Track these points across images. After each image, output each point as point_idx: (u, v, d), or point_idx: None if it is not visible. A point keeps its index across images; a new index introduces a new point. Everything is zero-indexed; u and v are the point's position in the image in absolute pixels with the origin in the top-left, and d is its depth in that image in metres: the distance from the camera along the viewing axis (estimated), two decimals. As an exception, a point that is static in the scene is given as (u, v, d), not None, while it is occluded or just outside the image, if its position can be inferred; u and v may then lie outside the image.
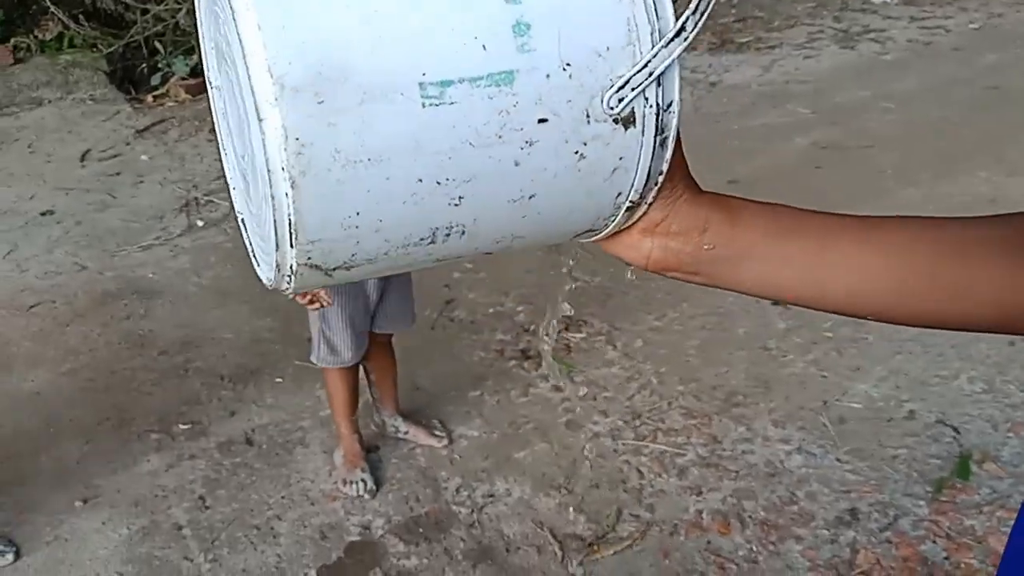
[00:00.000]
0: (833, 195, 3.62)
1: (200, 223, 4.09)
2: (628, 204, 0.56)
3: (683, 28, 0.51)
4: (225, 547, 2.37)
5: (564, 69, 0.50)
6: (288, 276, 0.52)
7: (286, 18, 0.47)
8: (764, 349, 3.09)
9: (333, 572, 2.30)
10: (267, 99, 0.46)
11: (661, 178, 0.55)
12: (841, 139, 4.65)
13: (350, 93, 0.47)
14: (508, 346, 3.12)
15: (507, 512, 2.46)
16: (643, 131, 0.53)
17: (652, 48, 0.51)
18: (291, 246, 0.50)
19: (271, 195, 0.48)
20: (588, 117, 0.51)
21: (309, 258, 0.50)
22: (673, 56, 0.51)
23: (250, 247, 0.59)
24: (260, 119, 0.47)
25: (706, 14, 0.51)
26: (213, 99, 0.61)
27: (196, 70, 5.48)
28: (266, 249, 0.54)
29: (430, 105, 0.48)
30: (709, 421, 2.76)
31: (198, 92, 5.43)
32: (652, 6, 0.51)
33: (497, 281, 3.49)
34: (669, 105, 0.53)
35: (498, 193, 0.52)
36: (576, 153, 0.52)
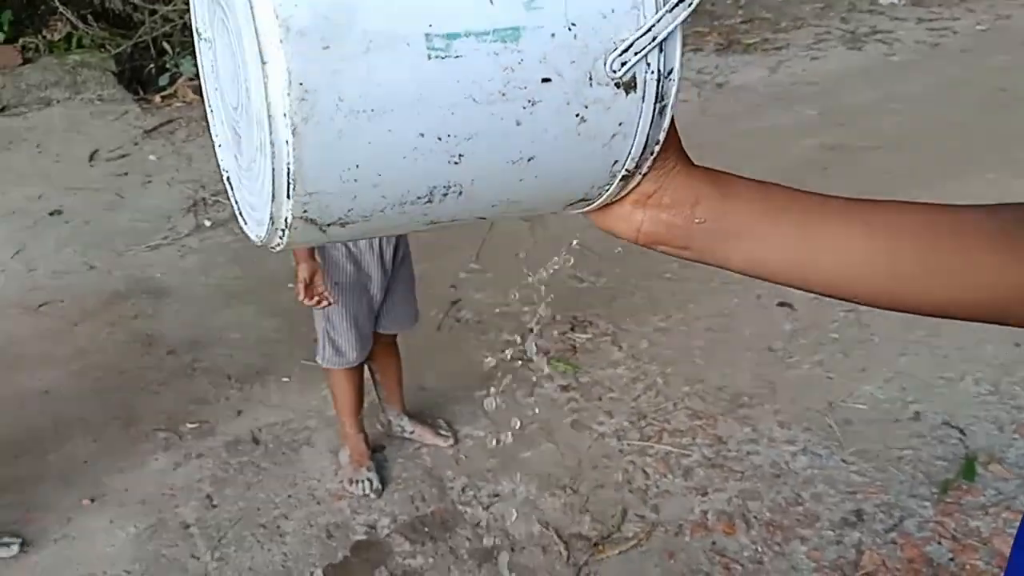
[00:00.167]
0: (840, 196, 3.61)
1: (208, 223, 4.11)
2: (624, 173, 0.56)
3: None
4: (232, 545, 2.38)
5: (569, 29, 0.50)
6: (282, 230, 0.51)
7: None
8: (770, 350, 3.09)
9: (339, 571, 2.31)
10: (272, 41, 0.45)
11: (657, 147, 0.55)
12: (848, 140, 4.65)
13: (356, 40, 0.46)
14: (514, 346, 3.13)
15: (513, 512, 2.47)
16: (643, 97, 0.53)
17: (656, 12, 0.51)
18: (288, 197, 0.48)
19: (270, 142, 0.47)
20: (591, 79, 0.51)
21: (305, 211, 0.50)
22: (677, 21, 0.51)
23: (237, 206, 0.58)
24: (263, 62, 0.45)
25: None
26: (201, 52, 0.60)
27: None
28: (258, 204, 0.53)
29: (435, 57, 0.48)
30: (714, 422, 2.76)
31: (206, 93, 5.43)
32: None
33: (503, 281, 3.49)
34: (670, 72, 0.53)
35: (498, 153, 0.51)
36: (577, 116, 0.52)
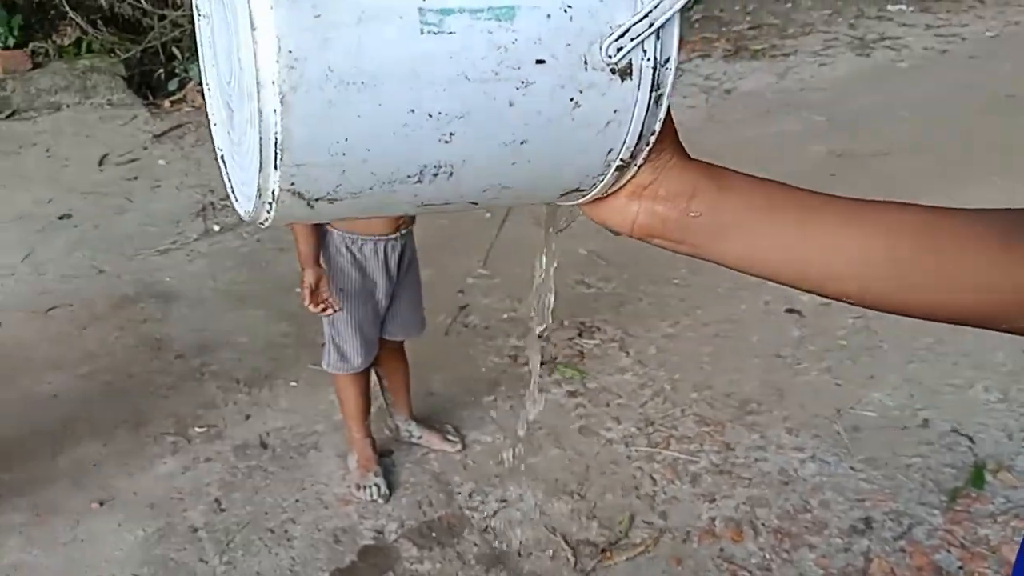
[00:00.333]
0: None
1: (216, 228, 4.12)
2: (619, 162, 0.55)
3: None
4: (240, 549, 2.38)
5: (565, 11, 0.50)
6: (269, 203, 0.50)
7: None
8: (778, 357, 3.09)
9: (347, 576, 2.31)
10: (262, 7, 0.45)
11: (653, 138, 0.55)
12: (856, 147, 4.65)
13: (348, 10, 0.46)
14: (522, 352, 3.13)
15: (520, 517, 2.47)
16: (639, 85, 0.52)
17: None
18: (275, 168, 0.48)
19: (259, 111, 0.46)
20: (586, 63, 0.51)
21: (293, 183, 0.49)
22: (675, 8, 0.51)
23: (229, 184, 0.58)
24: (253, 28, 0.45)
25: None
26: (200, 30, 0.60)
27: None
28: (246, 178, 0.52)
29: (428, 32, 0.47)
30: (722, 428, 2.76)
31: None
32: None
33: (511, 287, 3.50)
34: (666, 61, 0.53)
35: (490, 134, 0.51)
36: (571, 100, 0.51)
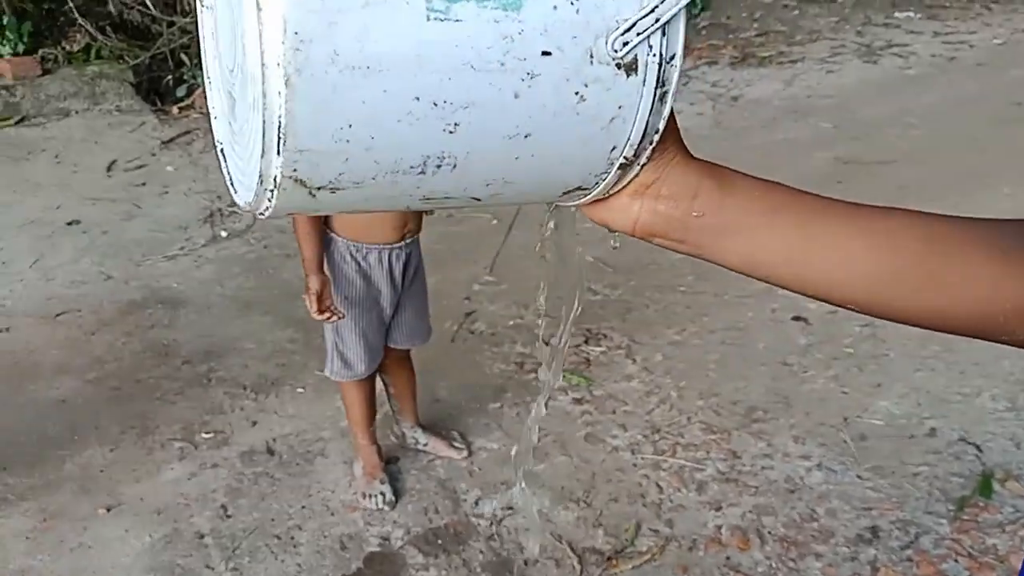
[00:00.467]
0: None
1: (224, 234, 4.13)
2: (622, 160, 0.55)
3: None
4: (246, 556, 2.38)
5: (572, 3, 0.50)
6: (270, 191, 0.50)
7: None
8: (784, 364, 3.08)
9: (352, 582, 2.31)
10: None
11: (657, 136, 0.55)
12: (863, 154, 4.64)
13: None
14: (528, 358, 3.13)
15: (526, 525, 2.46)
16: (644, 81, 0.52)
17: None
18: (278, 153, 0.48)
19: (263, 93, 0.46)
20: (591, 57, 0.51)
21: (295, 170, 0.49)
22: (680, 5, 0.51)
23: (228, 176, 0.58)
24: (259, 9, 0.45)
25: None
26: (202, 22, 0.60)
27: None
28: (247, 167, 0.52)
29: (435, 19, 0.47)
30: (729, 436, 2.76)
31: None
32: None
33: (517, 293, 3.50)
34: (672, 58, 0.53)
35: (494, 126, 0.51)
36: (576, 94, 0.51)
